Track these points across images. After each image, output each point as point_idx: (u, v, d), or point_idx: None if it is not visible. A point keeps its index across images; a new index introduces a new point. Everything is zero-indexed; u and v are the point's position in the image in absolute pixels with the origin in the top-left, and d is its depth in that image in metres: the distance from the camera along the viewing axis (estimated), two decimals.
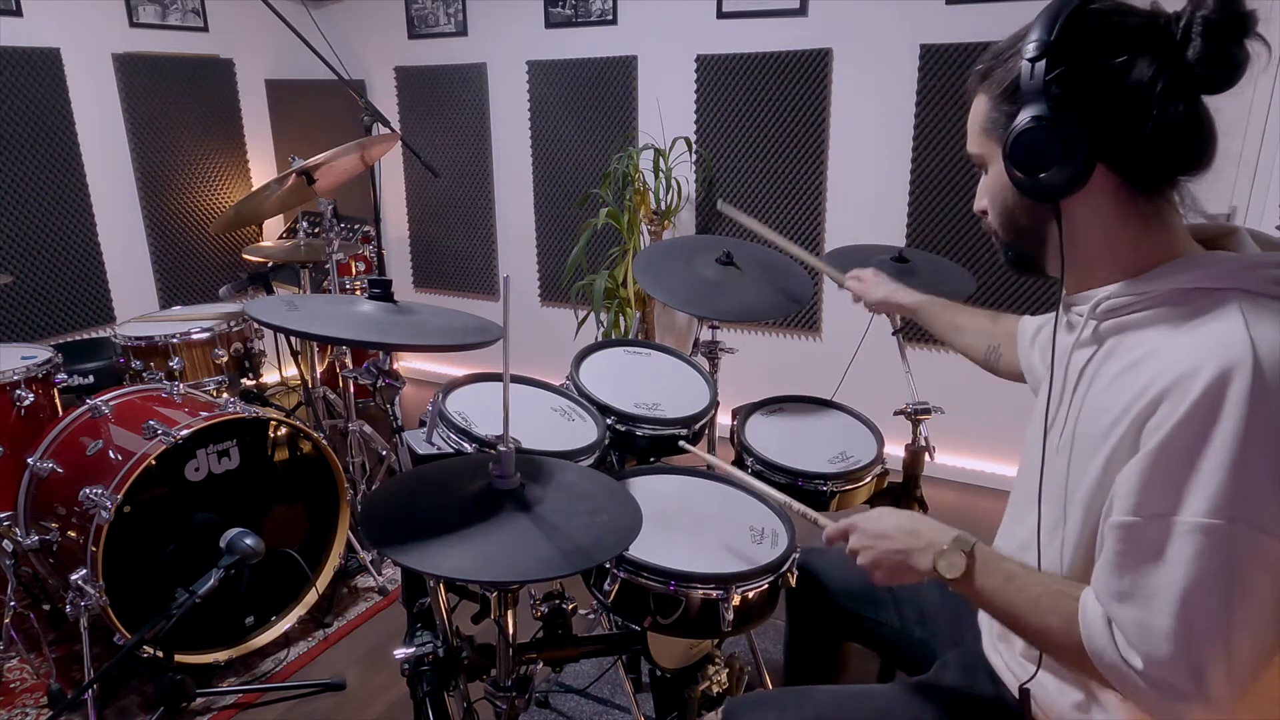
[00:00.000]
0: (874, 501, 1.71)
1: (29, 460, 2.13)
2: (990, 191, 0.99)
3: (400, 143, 2.86)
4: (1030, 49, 0.85)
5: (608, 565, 1.21)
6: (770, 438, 1.67)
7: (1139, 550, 0.82)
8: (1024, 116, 0.86)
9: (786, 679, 1.64)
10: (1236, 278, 0.84)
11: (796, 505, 1.23)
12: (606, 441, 1.50)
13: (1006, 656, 1.09)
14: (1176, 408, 0.79)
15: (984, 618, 1.18)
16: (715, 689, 1.40)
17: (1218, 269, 0.86)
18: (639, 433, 1.57)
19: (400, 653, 1.31)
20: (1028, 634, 0.95)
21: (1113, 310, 0.91)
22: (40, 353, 2.41)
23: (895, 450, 1.71)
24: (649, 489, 1.45)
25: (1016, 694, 1.05)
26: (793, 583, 1.29)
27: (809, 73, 3.22)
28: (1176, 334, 0.84)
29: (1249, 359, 0.77)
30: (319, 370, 2.83)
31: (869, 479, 1.63)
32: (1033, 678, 0.95)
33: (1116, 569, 0.84)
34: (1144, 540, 0.82)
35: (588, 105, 3.73)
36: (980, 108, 0.96)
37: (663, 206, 3.53)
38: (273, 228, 4.25)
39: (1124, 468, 0.84)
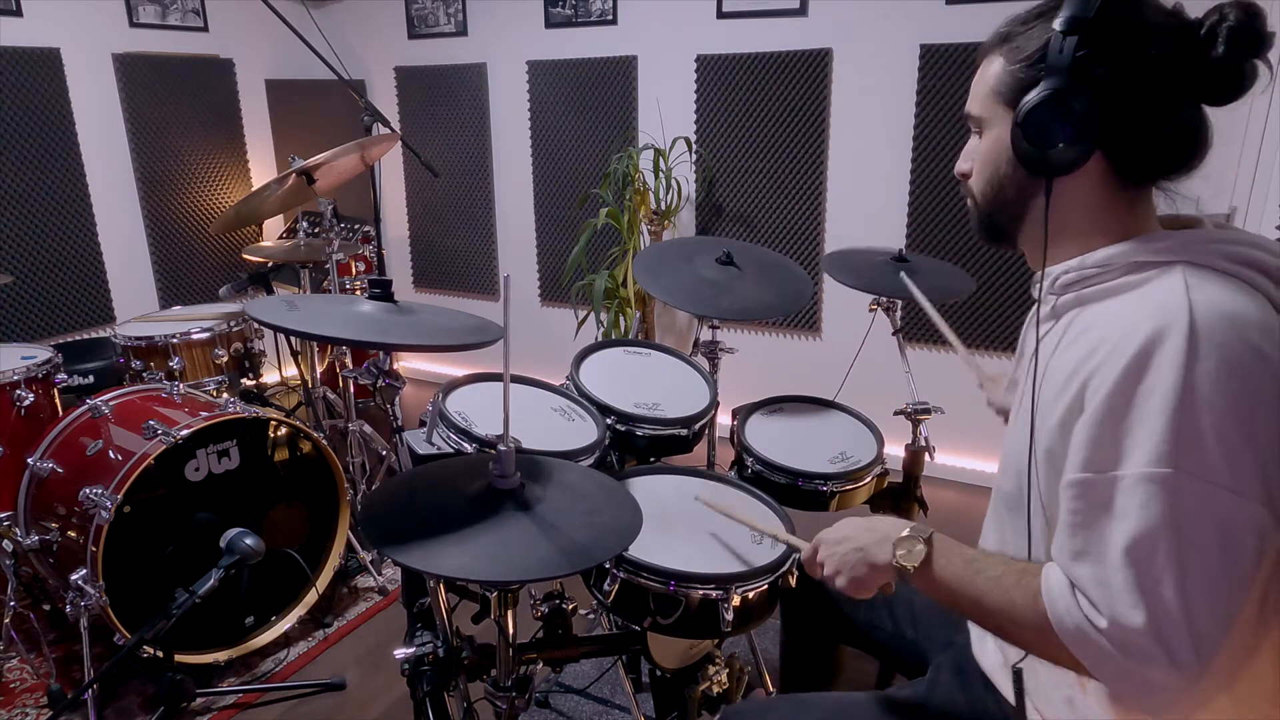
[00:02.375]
0: (874, 502, 1.71)
1: (29, 460, 2.13)
2: (981, 157, 0.99)
3: (400, 143, 2.86)
4: (1064, 22, 0.85)
5: (607, 565, 1.21)
6: (770, 438, 1.67)
7: (1090, 506, 0.83)
8: (1045, 88, 0.86)
9: (783, 682, 1.64)
10: (1185, 251, 0.86)
11: (786, 538, 1.23)
12: (606, 441, 1.50)
13: (995, 657, 1.09)
14: (1115, 366, 0.81)
15: None
16: (715, 689, 1.40)
17: (1168, 242, 0.88)
18: (639, 433, 1.57)
19: (400, 653, 1.31)
20: (993, 617, 0.93)
21: (1069, 285, 0.94)
22: (40, 353, 2.41)
23: (895, 450, 1.71)
24: (649, 489, 1.45)
25: (1009, 688, 1.04)
26: (792, 583, 1.29)
27: (809, 73, 3.22)
28: (1124, 303, 0.88)
29: (1185, 316, 0.79)
30: (319, 370, 2.83)
31: (869, 479, 1.63)
32: (1025, 657, 0.94)
33: (1070, 527, 0.85)
34: (1094, 496, 0.83)
35: (588, 105, 3.73)
36: (992, 69, 0.95)
37: (663, 206, 3.53)
38: (273, 228, 4.25)
39: (1074, 428, 0.85)
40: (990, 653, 1.10)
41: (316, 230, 2.99)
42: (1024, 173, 0.93)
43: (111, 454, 2.02)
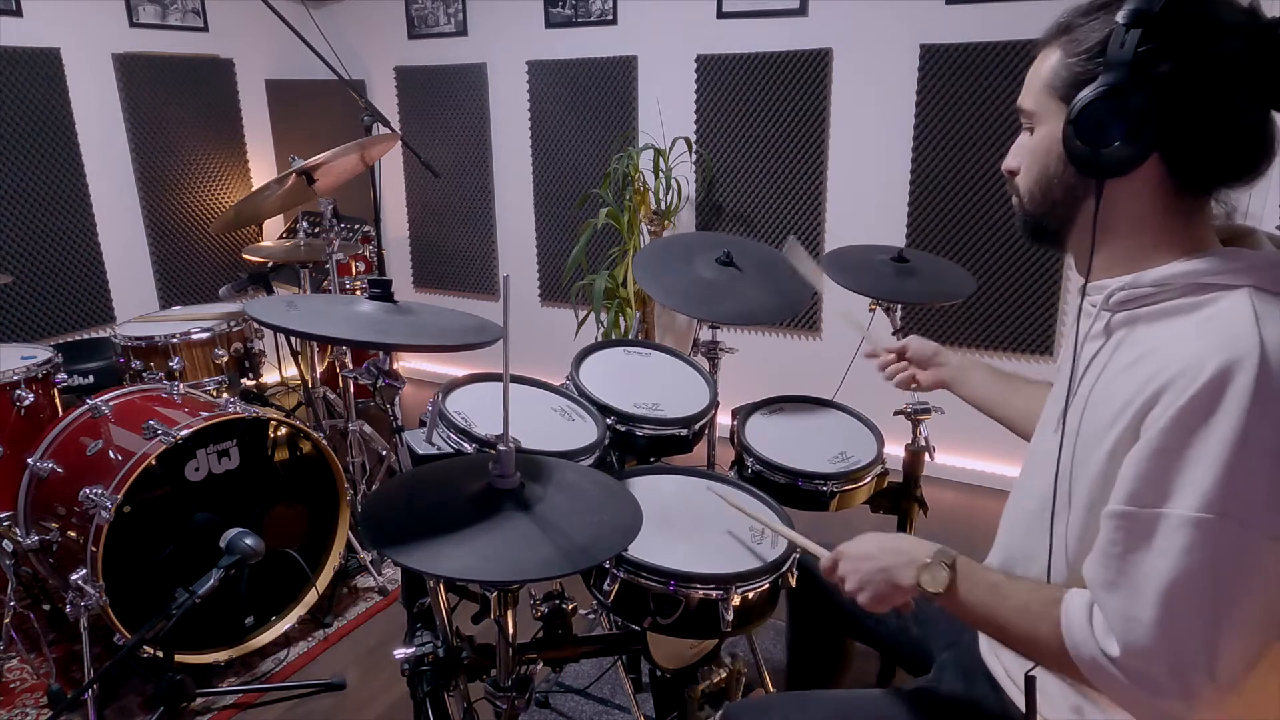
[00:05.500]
0: (874, 502, 1.71)
1: (29, 460, 2.13)
2: (1031, 154, 0.95)
3: (400, 143, 2.86)
4: (1127, 14, 0.80)
5: (607, 565, 1.21)
6: (770, 438, 1.67)
7: (1130, 540, 0.82)
8: (1101, 83, 0.82)
9: (789, 677, 1.64)
10: (1251, 275, 0.83)
11: (801, 540, 1.23)
12: (606, 441, 1.50)
13: (1005, 660, 1.09)
14: (1177, 399, 0.78)
15: None
16: (715, 689, 1.40)
17: (1233, 265, 0.84)
18: (639, 433, 1.57)
19: (400, 653, 1.31)
20: (1016, 643, 0.94)
21: (1125, 302, 0.90)
22: (40, 353, 2.41)
23: (895, 450, 1.71)
24: (649, 489, 1.45)
25: (1016, 690, 1.04)
26: (793, 583, 1.29)
27: (809, 73, 3.22)
28: (1185, 328, 0.84)
29: (1255, 355, 0.76)
30: (319, 370, 2.83)
31: (869, 479, 1.63)
32: (1035, 665, 0.95)
33: (1107, 557, 0.84)
34: (1135, 530, 0.82)
35: (588, 105, 3.73)
36: (1049, 62, 0.90)
37: (663, 206, 3.53)
38: (273, 228, 4.25)
39: (1125, 457, 0.83)
40: (1000, 656, 1.10)
41: (316, 230, 2.99)
42: (1074, 172, 0.88)
43: (111, 454, 2.02)
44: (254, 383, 2.81)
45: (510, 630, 1.20)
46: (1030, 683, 0.93)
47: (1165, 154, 0.84)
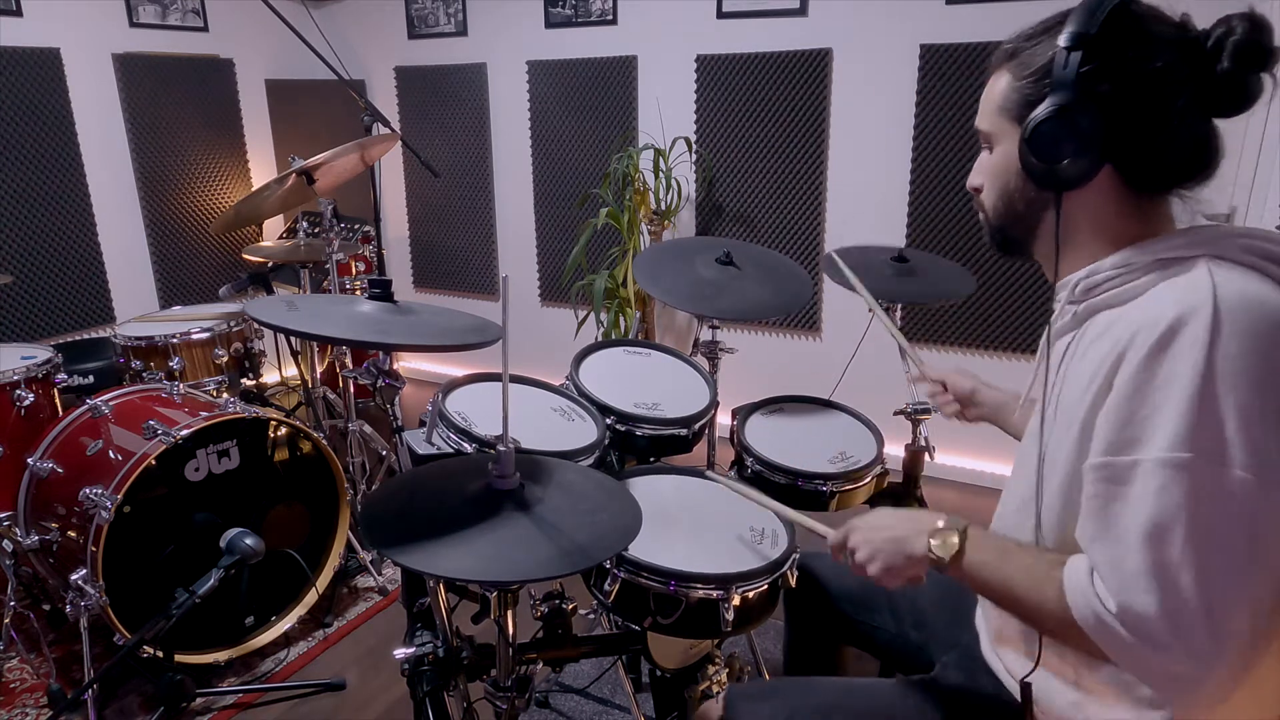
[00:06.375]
0: (874, 502, 1.71)
1: (29, 460, 2.13)
2: (991, 171, 1.01)
3: (400, 143, 2.86)
4: (1067, 38, 0.86)
5: (608, 565, 1.21)
6: (770, 438, 1.67)
7: (1110, 490, 0.84)
8: (1050, 104, 0.87)
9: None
10: (1208, 245, 0.86)
11: (807, 521, 1.22)
12: (606, 441, 1.50)
13: (1006, 658, 1.09)
14: (1140, 350, 0.81)
15: (981, 621, 1.18)
16: (715, 689, 1.40)
17: (1190, 238, 0.88)
18: (639, 433, 1.57)
19: (400, 653, 1.31)
20: (1022, 605, 0.93)
21: (1090, 289, 0.93)
22: (40, 353, 2.41)
23: (895, 450, 1.71)
24: (649, 489, 1.45)
25: (1017, 692, 1.05)
26: (792, 583, 1.29)
27: (809, 73, 3.22)
28: (1145, 295, 0.87)
29: (1209, 302, 0.80)
30: (319, 370, 2.83)
31: (869, 479, 1.63)
32: (1032, 671, 0.95)
33: (1091, 511, 0.86)
34: (1114, 479, 0.83)
35: (588, 105, 3.73)
36: (999, 86, 0.97)
37: (663, 206, 3.53)
38: (273, 228, 4.25)
39: (1099, 414, 0.86)
40: (1000, 655, 1.10)
41: (316, 230, 3.00)
42: (1033, 186, 0.94)
43: (111, 454, 2.02)
44: (254, 383, 2.81)
45: (510, 630, 1.20)
46: (1026, 689, 0.93)
47: (1117, 164, 0.90)
